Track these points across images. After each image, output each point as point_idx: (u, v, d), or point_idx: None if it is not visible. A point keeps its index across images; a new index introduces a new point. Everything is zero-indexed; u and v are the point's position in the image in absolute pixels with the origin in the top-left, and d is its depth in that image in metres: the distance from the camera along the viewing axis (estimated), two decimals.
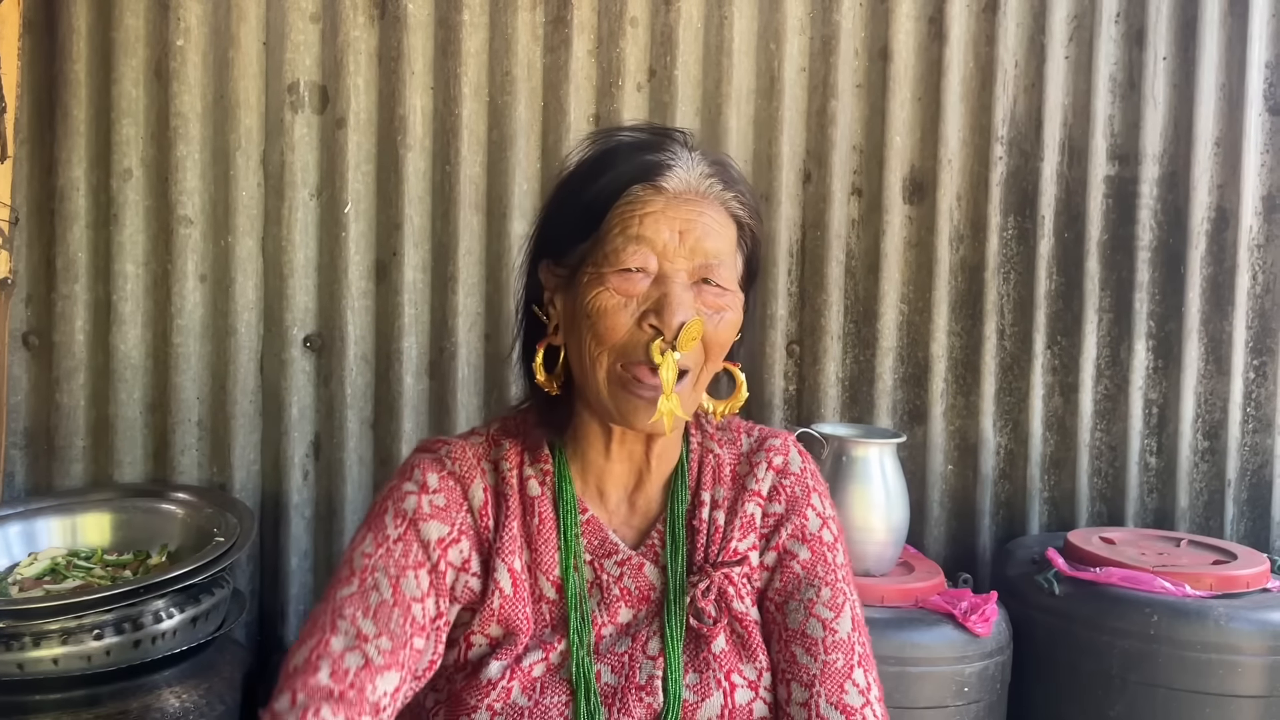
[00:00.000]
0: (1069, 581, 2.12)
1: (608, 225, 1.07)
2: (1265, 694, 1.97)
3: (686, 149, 1.11)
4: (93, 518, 2.11)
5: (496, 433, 1.19)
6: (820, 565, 1.17)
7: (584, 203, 1.09)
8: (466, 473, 1.14)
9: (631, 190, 1.07)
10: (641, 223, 1.06)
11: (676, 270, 1.06)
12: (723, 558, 1.15)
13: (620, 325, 1.05)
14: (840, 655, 1.13)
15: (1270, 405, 2.67)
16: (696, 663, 1.12)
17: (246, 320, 2.29)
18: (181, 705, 1.79)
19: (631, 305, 1.06)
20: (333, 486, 2.33)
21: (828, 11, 2.48)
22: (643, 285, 1.06)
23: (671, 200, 1.07)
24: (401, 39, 2.30)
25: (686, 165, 1.09)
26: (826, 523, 1.20)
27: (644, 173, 1.08)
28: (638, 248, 1.05)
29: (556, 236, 1.13)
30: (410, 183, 2.33)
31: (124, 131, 2.23)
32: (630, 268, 1.05)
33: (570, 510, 1.14)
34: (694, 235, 1.06)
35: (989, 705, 1.99)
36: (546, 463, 1.16)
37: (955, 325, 2.57)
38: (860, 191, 2.53)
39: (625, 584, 1.14)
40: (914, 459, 2.54)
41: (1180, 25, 2.59)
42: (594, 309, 1.06)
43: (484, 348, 2.39)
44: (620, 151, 1.11)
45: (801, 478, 1.21)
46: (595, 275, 1.07)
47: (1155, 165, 2.60)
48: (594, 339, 1.07)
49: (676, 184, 1.08)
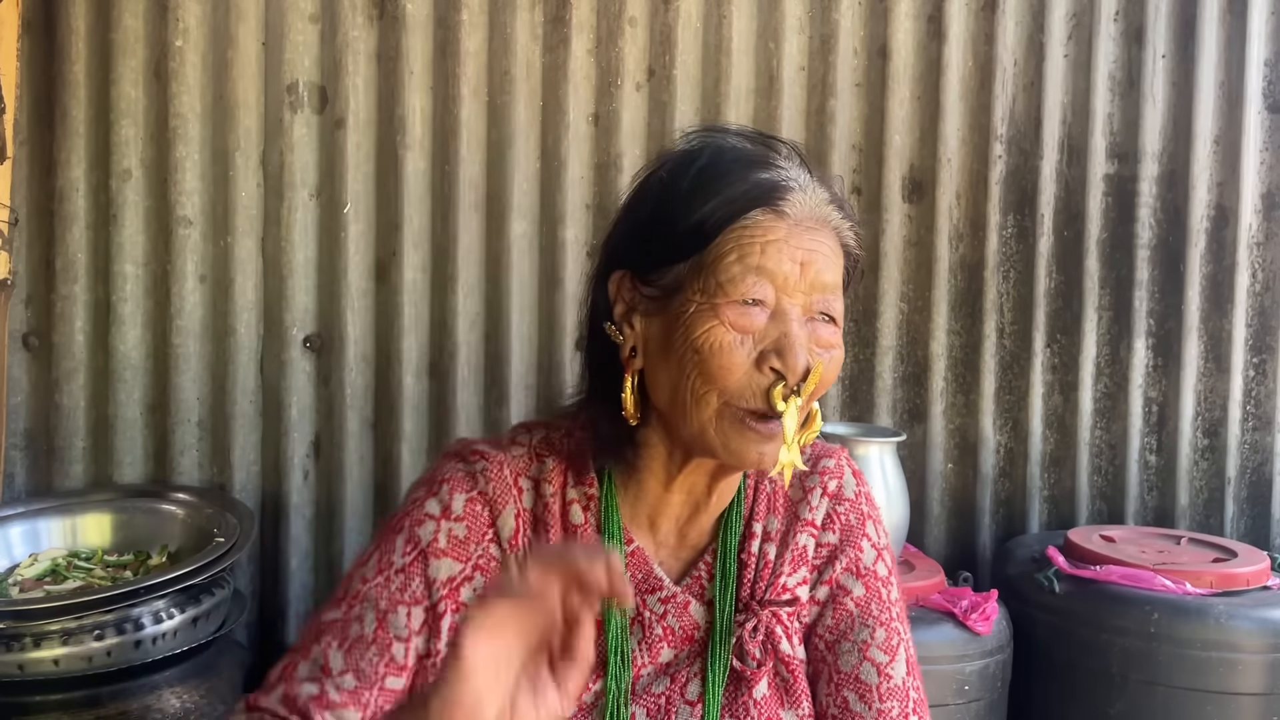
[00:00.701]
0: (1069, 580, 2.12)
1: (720, 250, 0.97)
2: (1266, 691, 1.97)
3: (801, 166, 1.02)
4: (93, 518, 2.11)
5: (540, 445, 1.09)
6: (875, 603, 1.10)
7: (690, 221, 0.98)
8: (499, 496, 1.06)
9: (751, 214, 0.97)
10: (764, 252, 0.96)
11: (794, 305, 0.97)
12: (770, 594, 1.08)
13: (736, 366, 0.96)
14: (895, 703, 1.07)
15: (1270, 403, 2.67)
16: (735, 708, 1.05)
17: (246, 321, 2.29)
18: (182, 706, 1.79)
19: (748, 343, 0.96)
20: (333, 487, 2.33)
21: (826, 10, 2.48)
22: (759, 321, 0.96)
23: (794, 228, 0.97)
24: (400, 39, 2.30)
25: (807, 188, 0.99)
26: (881, 555, 1.13)
27: (766, 195, 0.97)
28: (758, 279, 0.96)
29: (644, 251, 1.02)
30: (409, 183, 2.33)
31: (123, 132, 2.23)
32: (748, 300, 0.96)
33: (616, 541, 1.06)
34: (815, 268, 0.97)
35: (990, 704, 1.99)
36: (592, 486, 1.07)
37: (955, 324, 2.57)
38: (860, 190, 2.53)
39: (668, 622, 1.07)
40: (914, 458, 2.54)
41: (1179, 23, 2.59)
42: (705, 345, 0.96)
43: (484, 348, 2.39)
44: (729, 164, 1.00)
45: (856, 504, 1.14)
46: (706, 306, 0.96)
47: (1154, 163, 2.60)
48: (701, 377, 0.96)
49: (798, 210, 0.98)
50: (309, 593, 2.35)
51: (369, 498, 2.36)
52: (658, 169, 1.05)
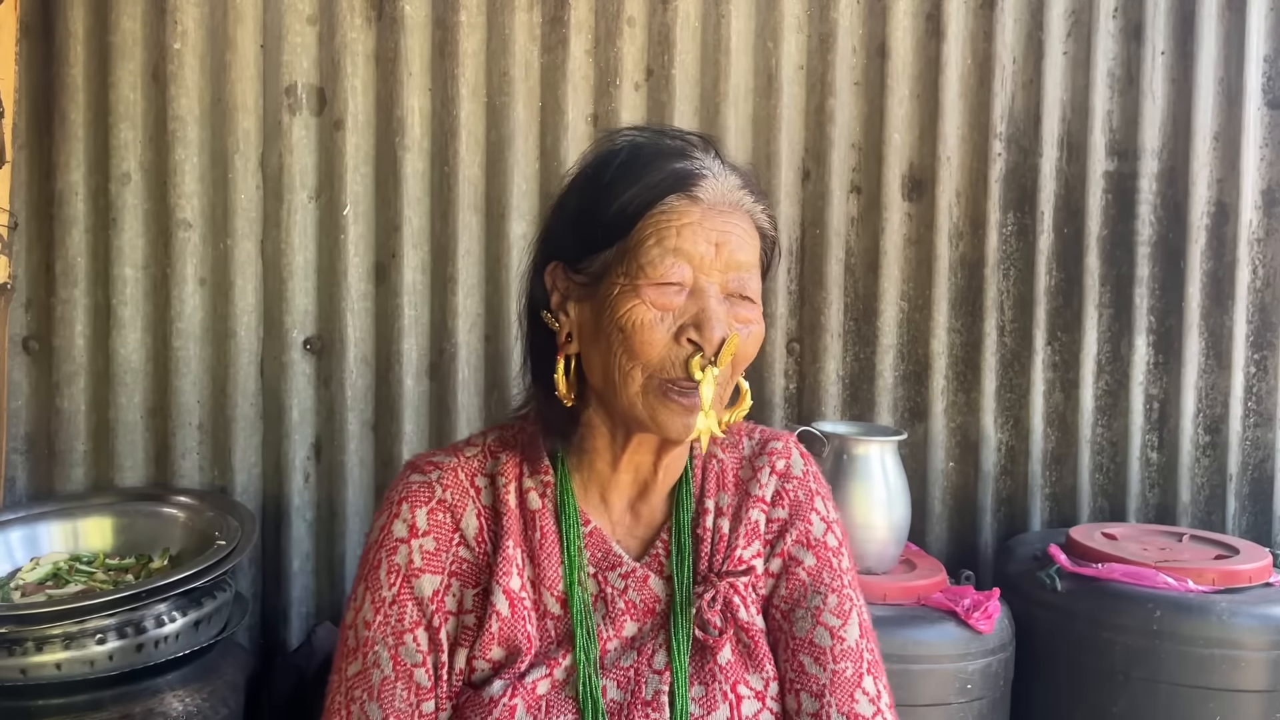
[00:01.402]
0: (1071, 578, 2.12)
1: (640, 235, 1.04)
2: (1268, 689, 1.97)
3: (714, 156, 1.09)
4: (94, 522, 2.11)
5: (494, 444, 1.16)
6: (826, 571, 1.16)
7: (612, 210, 1.05)
8: (458, 501, 1.12)
9: (667, 200, 1.04)
10: (679, 234, 1.03)
11: (711, 283, 1.04)
12: (728, 566, 1.14)
13: (657, 340, 1.03)
14: (849, 663, 1.12)
15: (1271, 400, 2.67)
16: (702, 674, 1.10)
17: (246, 323, 2.29)
18: (185, 709, 1.78)
19: (668, 319, 1.03)
20: (334, 489, 2.33)
21: (825, 9, 2.48)
22: (678, 299, 1.03)
23: (707, 211, 1.04)
24: (399, 40, 2.30)
25: (719, 175, 1.06)
26: (831, 527, 1.19)
27: (680, 182, 1.04)
28: (675, 260, 1.02)
29: (574, 242, 1.09)
30: (409, 184, 2.33)
31: (122, 135, 2.23)
32: (667, 280, 1.03)
33: (573, 523, 1.12)
34: (728, 248, 1.04)
35: (992, 702, 1.99)
36: (547, 474, 1.13)
37: (955, 322, 2.56)
38: (859, 189, 2.53)
39: (630, 597, 1.12)
40: (915, 456, 2.54)
41: (1178, 20, 2.59)
42: (628, 323, 1.02)
43: (484, 349, 2.39)
44: (648, 157, 1.07)
45: (804, 481, 1.20)
46: (629, 287, 1.03)
47: (1154, 160, 2.60)
48: (626, 353, 1.03)
49: (711, 195, 1.05)
50: (310, 595, 2.35)
51: (370, 499, 2.36)
52: (585, 167, 1.12)
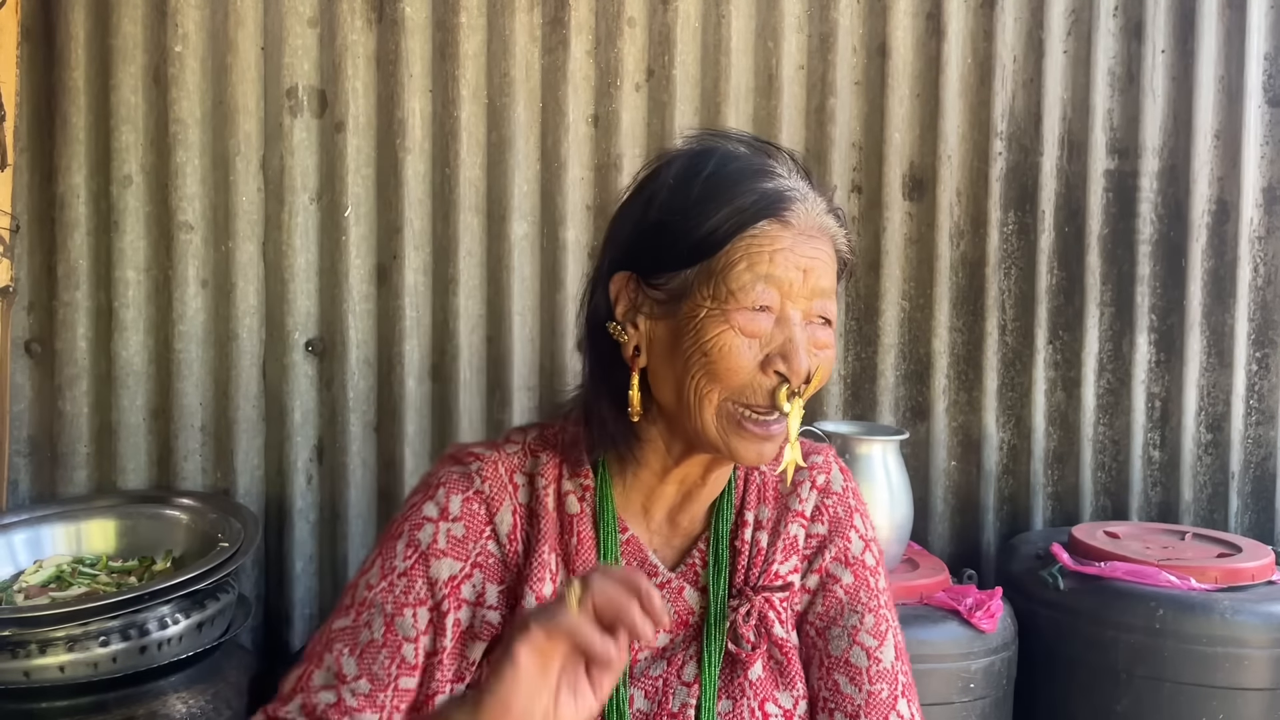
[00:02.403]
0: (1074, 576, 2.12)
1: (729, 258, 1.01)
2: (1271, 686, 1.97)
3: (800, 176, 1.07)
4: (97, 524, 2.12)
5: (534, 443, 1.13)
6: (864, 591, 1.14)
7: (701, 230, 1.02)
8: (495, 494, 1.09)
9: (759, 224, 1.01)
10: (772, 260, 1.01)
11: (797, 310, 1.02)
12: (764, 580, 1.12)
13: (743, 368, 1.01)
14: (885, 685, 1.11)
15: (1273, 397, 2.67)
16: (731, 689, 1.09)
17: (248, 325, 2.29)
18: (188, 711, 1.79)
19: (754, 346, 1.01)
20: (336, 490, 2.34)
21: (825, 9, 2.48)
22: (766, 325, 1.01)
23: (798, 237, 1.02)
24: (399, 42, 2.30)
25: (808, 198, 1.04)
26: (869, 545, 1.17)
27: (772, 206, 1.02)
28: (766, 287, 1.00)
29: (651, 255, 1.05)
30: (410, 186, 2.33)
31: (123, 138, 2.23)
32: (757, 307, 1.01)
33: (610, 530, 1.10)
34: (815, 274, 1.03)
35: (995, 701, 1.99)
36: (587, 478, 1.11)
37: (957, 321, 2.56)
38: (860, 188, 2.53)
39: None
40: (917, 456, 2.54)
41: (1178, 18, 2.59)
42: (715, 348, 1.00)
43: (486, 350, 2.39)
44: (737, 174, 1.04)
45: (844, 497, 1.18)
46: (716, 312, 1.01)
47: (1155, 159, 2.59)
48: (707, 376, 1.01)
49: (801, 220, 1.03)
50: (314, 597, 2.35)
51: (372, 501, 2.36)
52: (661, 173, 1.08)
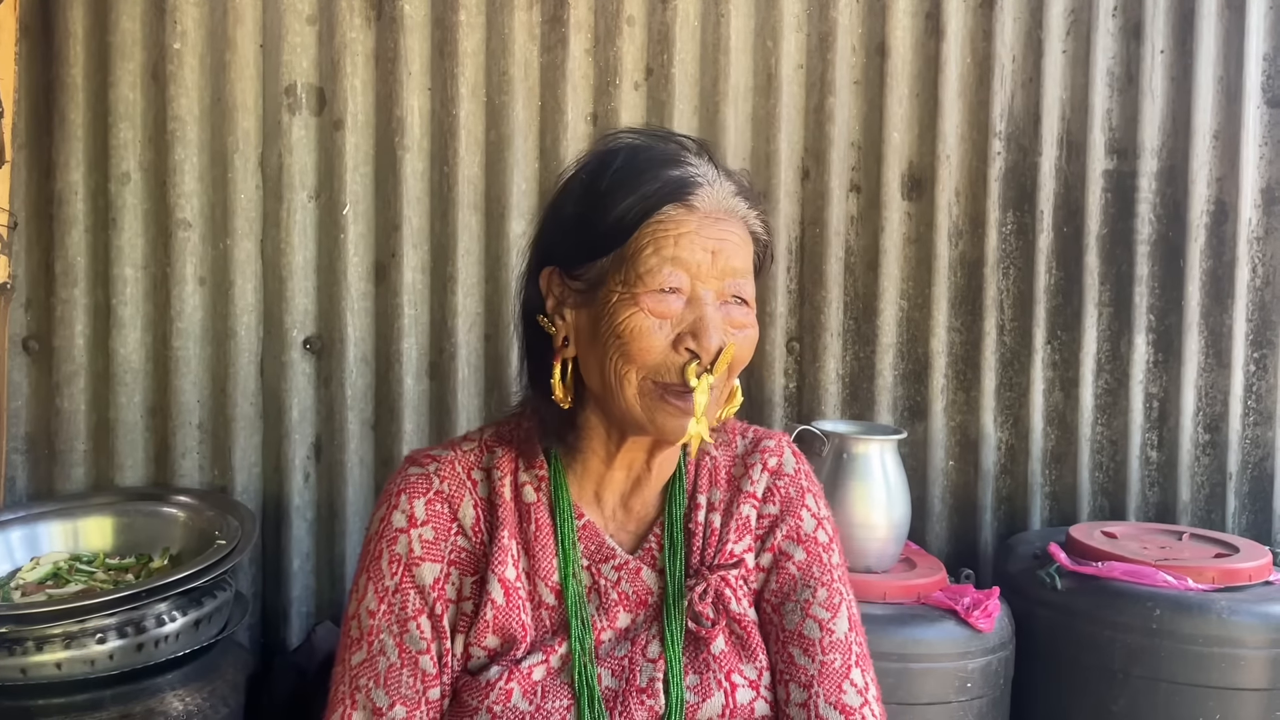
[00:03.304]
0: (1071, 576, 2.12)
1: (637, 244, 1.05)
2: (1268, 687, 1.97)
3: (708, 162, 1.11)
4: (94, 522, 2.12)
5: (490, 439, 1.19)
6: (816, 566, 1.18)
7: (609, 218, 1.06)
8: (455, 491, 1.14)
9: (664, 209, 1.05)
10: (677, 243, 1.05)
11: (708, 290, 1.06)
12: (719, 560, 1.16)
13: (655, 347, 1.05)
14: (838, 655, 1.14)
15: (1271, 398, 2.67)
16: (696, 664, 1.13)
17: (246, 323, 2.29)
18: (185, 708, 1.79)
19: (665, 327, 1.05)
20: (334, 488, 2.33)
21: (824, 8, 2.48)
22: (676, 306, 1.05)
23: (704, 220, 1.06)
24: (398, 40, 2.30)
25: (714, 182, 1.08)
26: (821, 523, 1.21)
27: (676, 191, 1.06)
28: (673, 269, 1.04)
29: (570, 248, 1.10)
30: (408, 184, 2.33)
31: (121, 135, 2.23)
32: (665, 288, 1.05)
33: (566, 516, 1.14)
34: (724, 255, 1.06)
35: (992, 701, 1.99)
36: (542, 469, 1.16)
37: (955, 321, 2.56)
38: (859, 188, 2.53)
39: (623, 588, 1.15)
40: (915, 455, 2.54)
41: (1178, 18, 2.59)
42: (626, 330, 1.04)
43: (484, 348, 2.39)
44: (643, 164, 1.08)
45: (795, 479, 1.22)
46: (627, 295, 1.05)
47: (1154, 159, 2.60)
48: (623, 358, 1.05)
49: (707, 203, 1.07)
50: (311, 594, 2.35)
51: (370, 499, 2.36)
52: (579, 170, 1.13)
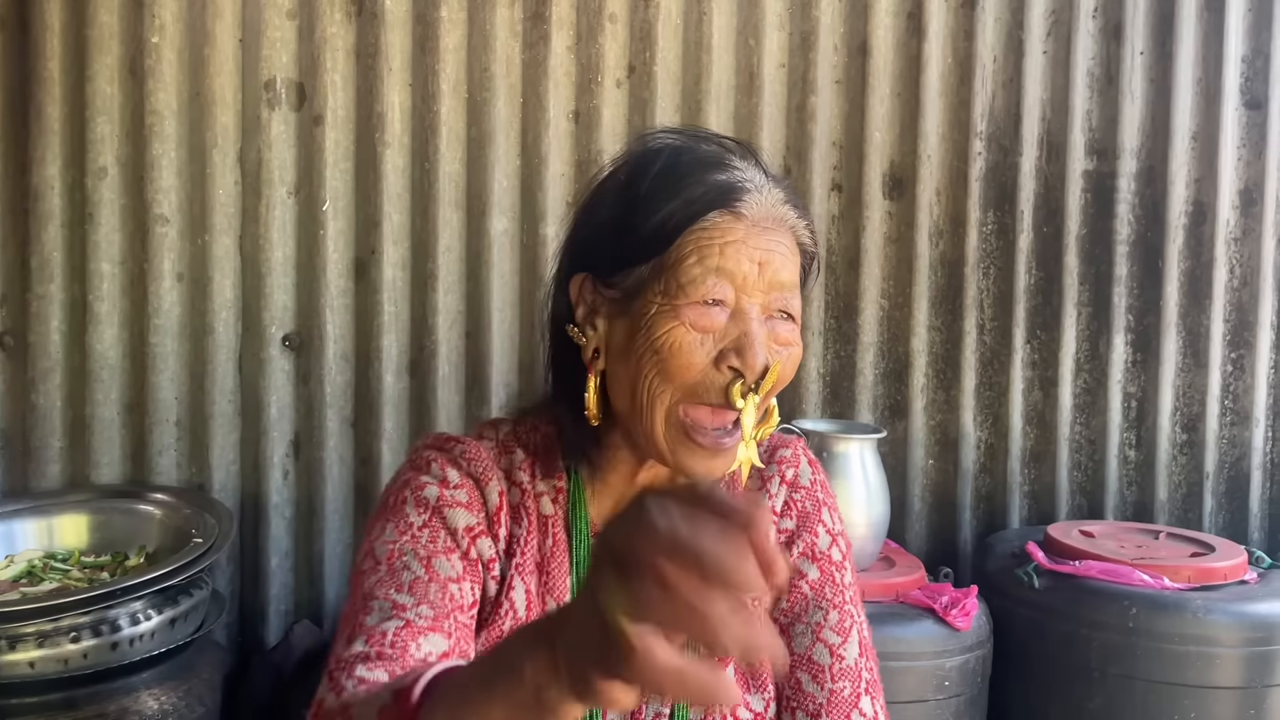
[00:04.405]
0: (1048, 575, 2.12)
1: (680, 252, 0.97)
2: (1242, 685, 1.98)
3: (755, 166, 1.03)
4: (70, 519, 2.10)
5: (507, 439, 1.11)
6: (829, 586, 1.13)
7: (650, 224, 0.99)
8: (482, 474, 1.06)
9: (709, 216, 0.98)
10: (723, 253, 0.97)
11: (753, 304, 0.98)
12: None
13: (695, 364, 0.97)
14: (847, 683, 1.10)
15: (1248, 398, 2.69)
16: None
17: (224, 319, 2.28)
18: (160, 707, 1.78)
19: (708, 342, 0.97)
20: (313, 486, 2.32)
21: (806, 7, 2.48)
22: (719, 320, 0.97)
23: (752, 229, 0.98)
24: (379, 35, 2.29)
25: (763, 189, 1.01)
26: (836, 540, 1.16)
27: (723, 197, 0.98)
28: (718, 280, 0.97)
29: (605, 254, 1.03)
30: (389, 180, 2.31)
31: (99, 129, 2.21)
32: (708, 300, 0.97)
33: (583, 537, 1.08)
34: (772, 267, 0.99)
35: (970, 699, 2.00)
36: (560, 480, 1.09)
37: (935, 320, 2.57)
38: (840, 187, 2.54)
39: None
40: (895, 454, 2.55)
41: (1157, 20, 2.60)
42: (666, 345, 0.97)
43: (464, 346, 2.38)
44: (687, 167, 1.01)
45: (812, 491, 1.16)
46: (667, 307, 0.97)
47: (1133, 160, 2.61)
48: (660, 375, 0.97)
49: (755, 210, 0.99)
50: (289, 593, 2.34)
51: (349, 497, 2.35)
52: (616, 172, 1.06)
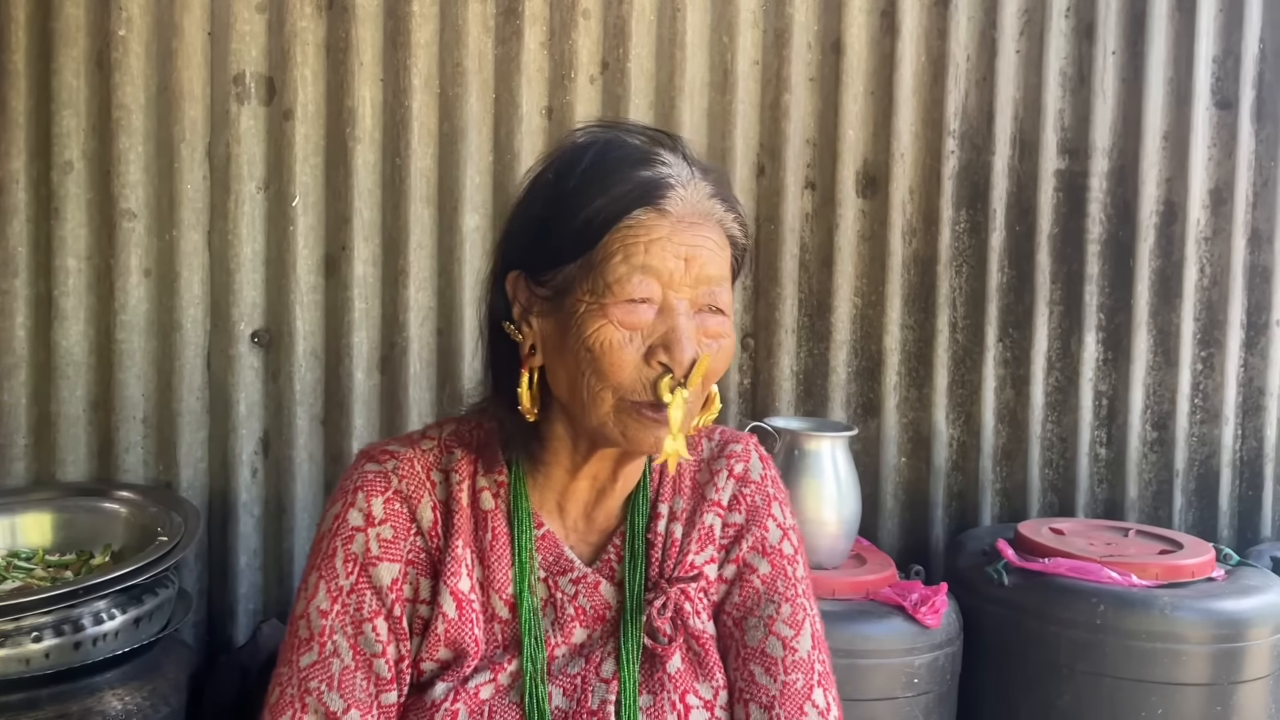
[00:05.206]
0: (1018, 572, 2.13)
1: (606, 250, 0.98)
2: (1209, 681, 2.00)
3: (684, 160, 1.04)
4: (33, 518, 2.07)
5: (449, 439, 1.12)
6: (781, 580, 1.14)
7: (577, 223, 0.99)
8: (414, 491, 1.09)
9: (634, 214, 0.98)
10: (648, 251, 0.98)
11: (681, 300, 0.99)
12: (679, 572, 1.11)
13: (626, 362, 0.98)
14: (800, 675, 1.10)
15: (1217, 396, 2.71)
16: (651, 684, 1.08)
17: (192, 316, 2.25)
18: (124, 707, 1.75)
19: (636, 339, 0.99)
20: (282, 484, 2.30)
21: (780, 4, 2.47)
22: (647, 317, 0.99)
23: (677, 225, 0.99)
24: (350, 30, 2.27)
25: (689, 184, 1.01)
26: (787, 534, 1.16)
27: (647, 194, 0.99)
28: (644, 278, 0.98)
29: (536, 252, 1.04)
30: (359, 176, 2.30)
31: (65, 123, 2.18)
32: (635, 298, 0.98)
33: (525, 526, 1.09)
34: (699, 262, 1.00)
35: (939, 696, 2.01)
36: (501, 474, 1.10)
37: (908, 318, 2.58)
38: (814, 185, 2.54)
39: (580, 603, 1.10)
40: (868, 452, 2.55)
41: (1129, 20, 2.62)
42: (596, 344, 0.98)
43: (436, 343, 2.37)
44: (614, 163, 1.01)
45: (762, 486, 1.17)
46: (596, 306, 0.98)
47: (1104, 159, 2.62)
48: (595, 374, 0.99)
49: (680, 207, 1.00)
50: (258, 591, 2.32)
51: (319, 495, 2.33)
52: (545, 169, 1.07)
